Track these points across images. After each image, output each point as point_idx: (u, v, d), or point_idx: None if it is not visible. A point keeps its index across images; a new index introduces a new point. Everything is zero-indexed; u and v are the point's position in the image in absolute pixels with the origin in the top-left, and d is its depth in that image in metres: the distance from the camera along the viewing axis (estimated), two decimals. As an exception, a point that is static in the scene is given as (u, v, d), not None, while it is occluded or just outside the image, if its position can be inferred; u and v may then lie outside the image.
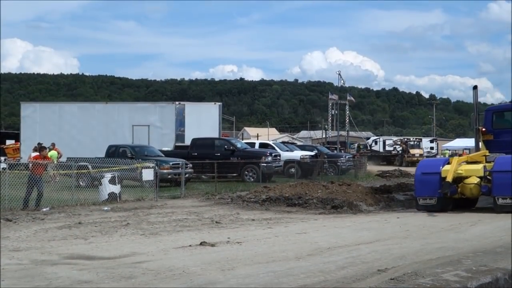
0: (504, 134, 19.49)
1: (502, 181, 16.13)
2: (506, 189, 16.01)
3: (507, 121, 20.38)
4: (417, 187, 17.46)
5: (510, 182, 15.85)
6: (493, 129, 19.76)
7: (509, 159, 16.74)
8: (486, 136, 19.54)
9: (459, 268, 8.51)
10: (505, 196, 16.02)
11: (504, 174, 16.18)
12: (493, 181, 16.32)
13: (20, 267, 8.84)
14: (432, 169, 17.27)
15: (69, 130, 38.73)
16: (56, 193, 19.96)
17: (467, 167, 17.11)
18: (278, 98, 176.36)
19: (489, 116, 20.09)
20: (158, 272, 8.37)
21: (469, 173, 16.77)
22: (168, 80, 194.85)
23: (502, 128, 19.83)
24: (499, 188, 16.16)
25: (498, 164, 16.69)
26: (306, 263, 9.05)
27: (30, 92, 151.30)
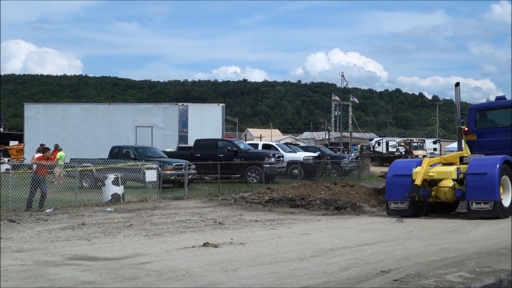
0: (488, 134, 18.50)
1: (476, 184, 15.09)
2: (480, 193, 14.96)
3: (491, 120, 19.40)
4: (388, 190, 16.43)
5: (484, 186, 14.92)
6: (476, 128, 18.53)
7: (484, 160, 15.96)
8: (469, 136, 18.42)
9: (462, 269, 8.49)
10: (479, 201, 14.96)
11: (478, 176, 15.17)
12: (467, 184, 15.26)
13: (23, 267, 8.85)
14: (403, 171, 16.19)
15: (72, 131, 38.78)
16: (59, 194, 20.01)
17: (439, 169, 16.16)
18: (281, 99, 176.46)
19: (473, 115, 18.80)
20: (161, 273, 8.37)
21: (441, 176, 15.85)
22: (171, 81, 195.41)
23: (486, 127, 18.79)
24: (473, 191, 15.08)
25: (472, 166, 15.59)
26: (309, 264, 9.04)
27: (34, 93, 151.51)
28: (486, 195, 14.87)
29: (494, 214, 14.76)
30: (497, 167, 15.09)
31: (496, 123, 19.06)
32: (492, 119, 19.26)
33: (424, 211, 16.08)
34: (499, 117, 19.04)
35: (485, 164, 15.46)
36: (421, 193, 15.44)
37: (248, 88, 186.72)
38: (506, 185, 15.48)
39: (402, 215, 15.70)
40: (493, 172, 15.01)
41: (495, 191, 14.83)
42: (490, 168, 15.14)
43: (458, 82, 18.61)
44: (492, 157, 15.98)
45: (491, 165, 15.24)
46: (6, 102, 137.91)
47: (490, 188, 14.86)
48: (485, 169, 15.17)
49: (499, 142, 17.60)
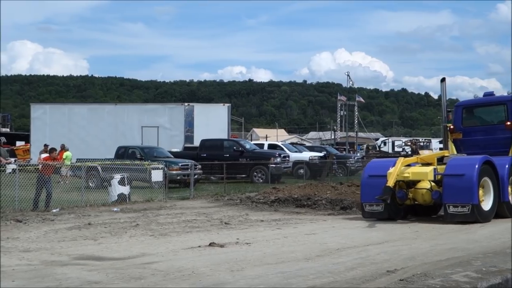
0: (474, 132, 17.66)
1: (453, 186, 14.05)
2: (458, 195, 13.94)
3: (478, 118, 18.43)
4: (363, 192, 15.42)
5: (462, 188, 13.91)
6: (463, 126, 17.72)
7: (462, 160, 15.03)
8: (455, 135, 17.63)
9: (468, 269, 8.47)
10: (456, 204, 13.92)
11: (456, 178, 14.11)
12: (443, 186, 14.24)
13: (30, 267, 8.88)
14: (379, 172, 15.06)
15: (78, 132, 38.91)
16: (65, 194, 20.07)
17: (415, 169, 15.02)
18: (287, 99, 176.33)
19: (459, 112, 17.94)
20: (167, 272, 8.38)
21: (417, 177, 14.77)
22: (177, 81, 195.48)
23: (473, 125, 17.92)
24: (450, 194, 14.05)
25: (450, 166, 14.53)
26: (315, 264, 9.04)
27: (40, 94, 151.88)
28: (463, 198, 13.88)
29: (472, 218, 13.79)
30: (475, 167, 14.08)
31: (483, 120, 18.28)
32: (479, 116, 18.42)
33: (402, 214, 15.21)
34: (487, 115, 18.33)
35: (463, 165, 14.48)
36: (397, 195, 14.66)
37: (254, 88, 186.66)
38: (487, 187, 14.50)
39: (378, 218, 14.88)
40: (471, 173, 13.96)
41: (473, 193, 13.80)
42: (468, 169, 14.12)
43: (443, 78, 17.90)
44: (471, 157, 15.18)
45: (470, 166, 14.22)
46: (13, 103, 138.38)
47: (467, 190, 13.85)
48: (463, 170, 14.14)
49: (486, 141, 17.08)
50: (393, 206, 14.81)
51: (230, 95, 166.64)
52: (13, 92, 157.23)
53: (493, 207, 14.48)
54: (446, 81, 17.72)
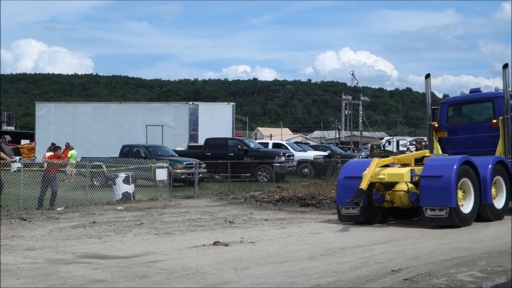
0: (460, 131, 16.97)
1: (430, 188, 13.26)
2: (435, 198, 13.14)
3: (465, 116, 17.69)
4: (339, 194, 14.66)
5: (439, 190, 13.14)
6: (448, 125, 17.07)
7: (441, 161, 14.24)
8: (440, 133, 17.02)
9: (473, 268, 8.46)
10: (433, 207, 13.12)
11: (433, 179, 13.29)
12: (420, 188, 13.43)
13: (35, 266, 8.89)
14: (355, 173, 14.19)
15: (83, 130, 39.01)
16: (70, 192, 20.10)
17: (391, 170, 14.18)
18: (291, 98, 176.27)
19: (445, 109, 17.29)
20: (171, 271, 8.39)
21: (393, 178, 13.95)
22: (182, 80, 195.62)
23: (459, 123, 17.25)
24: (427, 196, 13.25)
25: (427, 167, 13.71)
26: (319, 263, 9.04)
27: (45, 92, 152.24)
28: (441, 200, 13.05)
29: (450, 222, 13.01)
30: (453, 168, 13.24)
31: (469, 118, 17.54)
32: (465, 114, 17.73)
33: (380, 217, 14.42)
34: (473, 112, 17.63)
35: (441, 165, 13.64)
36: (374, 197, 13.95)
37: (258, 87, 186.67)
38: (467, 189, 13.67)
39: (354, 221, 14.17)
40: (449, 175, 13.13)
41: (450, 196, 12.98)
42: (446, 170, 13.30)
43: (428, 74, 17.44)
44: (450, 157, 14.59)
45: (447, 167, 13.39)
46: (18, 101, 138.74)
47: (445, 192, 13.04)
48: (441, 171, 13.31)
49: (473, 140, 16.49)
50: (370, 209, 14.13)
51: (234, 94, 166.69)
52: (18, 91, 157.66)
53: (474, 210, 13.69)
54: (430, 78, 17.42)
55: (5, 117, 74.65)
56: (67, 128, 39.16)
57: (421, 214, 13.42)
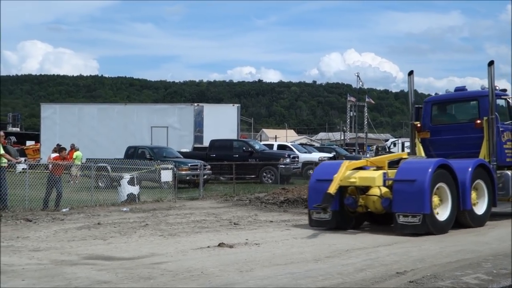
0: (444, 131, 16.12)
1: (403, 193, 12.40)
2: (408, 204, 12.29)
3: (449, 115, 16.89)
4: (310, 198, 13.81)
5: (412, 195, 12.27)
6: (432, 125, 16.24)
7: (416, 164, 13.38)
8: (422, 134, 16.18)
9: (479, 271, 8.44)
10: (406, 213, 12.24)
11: (406, 184, 12.44)
12: (393, 193, 12.60)
13: (40, 267, 8.90)
14: (327, 175, 13.26)
15: (88, 132, 39.06)
16: (75, 193, 20.13)
17: (362, 174, 13.33)
18: (296, 99, 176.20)
19: (428, 108, 16.44)
20: (176, 273, 8.39)
21: (364, 182, 13.14)
22: (187, 81, 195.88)
23: (442, 123, 16.42)
24: (400, 202, 12.38)
25: (401, 170, 12.86)
26: (324, 265, 9.03)
27: (50, 94, 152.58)
28: (414, 206, 12.20)
29: (423, 230, 12.14)
30: (428, 172, 12.40)
31: (454, 118, 16.79)
32: (450, 113, 16.94)
33: (353, 223, 13.69)
34: (458, 112, 16.91)
35: (415, 169, 12.79)
36: (346, 202, 13.23)
37: (263, 89, 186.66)
38: (444, 194, 12.85)
39: (325, 227, 13.39)
40: (423, 179, 12.28)
41: (424, 202, 12.14)
42: (420, 174, 12.45)
43: (411, 71, 16.64)
44: (425, 160, 13.86)
45: (422, 170, 12.56)
46: (23, 102, 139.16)
47: (418, 198, 12.21)
48: (414, 175, 12.47)
49: (457, 141, 15.65)
50: (342, 214, 13.39)
51: (239, 95, 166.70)
52: (23, 92, 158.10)
53: (451, 217, 12.87)
54: (413, 75, 16.71)
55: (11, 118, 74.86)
56: (72, 129, 39.22)
57: (394, 220, 12.52)
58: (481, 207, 13.97)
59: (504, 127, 15.48)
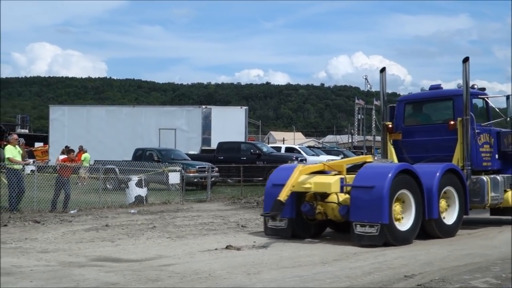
0: (417, 133, 15.04)
1: (360, 200, 11.41)
2: (365, 212, 11.26)
3: (423, 116, 15.76)
4: (265, 204, 12.82)
5: (370, 203, 11.24)
6: (404, 126, 15.18)
7: (376, 168, 12.30)
8: (394, 135, 15.09)
9: (487, 275, 8.41)
10: (363, 223, 11.22)
11: (364, 191, 11.41)
12: (351, 201, 11.63)
13: (48, 268, 8.93)
14: (283, 180, 12.14)
15: (96, 133, 39.10)
16: (83, 195, 20.18)
17: (318, 179, 12.22)
18: (304, 102, 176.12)
19: (401, 108, 15.38)
20: (184, 275, 8.40)
21: (320, 188, 12.10)
22: (195, 84, 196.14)
23: (416, 124, 15.36)
24: (357, 210, 11.38)
25: (360, 176, 11.77)
26: (332, 268, 9.01)
27: (59, 95, 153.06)
28: (371, 215, 11.17)
29: (381, 241, 11.09)
30: (388, 177, 11.36)
31: (427, 118, 15.66)
32: (423, 113, 15.82)
33: (312, 231, 12.70)
34: (432, 112, 15.79)
35: (374, 174, 11.71)
36: (302, 209, 12.25)
37: (271, 91, 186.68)
38: (407, 202, 11.83)
39: (281, 236, 12.40)
40: (382, 185, 11.25)
41: (382, 210, 11.10)
42: (379, 180, 11.39)
43: (383, 68, 15.67)
44: (387, 165, 12.74)
45: (381, 176, 11.48)
46: (32, 104, 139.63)
47: (376, 206, 11.16)
48: (373, 181, 11.40)
49: (431, 143, 14.60)
50: (300, 222, 12.45)
51: (247, 98, 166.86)
52: (32, 94, 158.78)
53: (414, 227, 11.80)
54: (385, 72, 15.65)
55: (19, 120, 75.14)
56: (81, 131, 39.30)
57: (351, 230, 11.47)
58: (451, 216, 12.90)
59: (481, 128, 14.35)
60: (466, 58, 14.02)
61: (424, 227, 12.21)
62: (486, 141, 14.49)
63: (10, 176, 17.26)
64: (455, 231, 12.88)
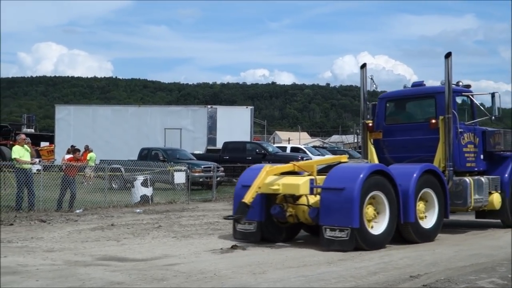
0: (399, 131, 14.46)
1: (330, 203, 10.77)
2: (335, 216, 10.64)
3: (405, 114, 15.21)
4: (235, 205, 12.10)
5: (340, 205, 10.64)
6: (385, 124, 14.60)
7: (347, 169, 11.54)
8: (374, 134, 14.52)
9: (493, 275, 8.39)
10: (333, 227, 10.61)
11: (334, 193, 10.78)
12: (320, 203, 10.99)
13: (53, 267, 8.95)
14: (252, 181, 11.53)
15: (102, 133, 39.16)
16: (89, 195, 20.22)
17: (286, 180, 11.53)
18: (309, 102, 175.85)
19: (382, 106, 14.80)
20: (189, 274, 8.40)
21: (289, 190, 11.45)
22: (200, 84, 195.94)
23: (397, 123, 14.81)
24: (326, 213, 10.75)
25: (330, 177, 11.16)
26: (337, 268, 9.01)
27: (65, 95, 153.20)
28: (341, 219, 10.58)
29: (351, 246, 10.47)
30: (359, 179, 10.76)
31: (409, 117, 15.09)
32: (405, 112, 15.26)
33: (284, 235, 12.07)
34: (414, 110, 15.25)
35: (345, 175, 11.07)
36: (272, 212, 11.65)
37: (277, 91, 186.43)
38: (381, 204, 11.22)
39: (250, 240, 11.76)
40: (352, 187, 10.65)
41: (352, 214, 10.51)
42: (349, 181, 10.78)
43: (364, 64, 15.09)
44: (359, 166, 12.03)
45: (352, 177, 10.88)
46: (38, 104, 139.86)
47: (346, 209, 10.57)
48: (344, 183, 10.80)
49: (413, 143, 14.01)
50: (270, 225, 11.85)
51: (253, 97, 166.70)
52: (38, 93, 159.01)
53: (389, 231, 11.20)
54: (366, 68, 15.04)
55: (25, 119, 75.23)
56: (86, 130, 39.38)
57: (320, 234, 10.87)
58: (430, 219, 12.25)
59: (465, 127, 13.76)
60: (448, 54, 13.38)
61: (400, 231, 11.65)
62: (470, 141, 13.89)
63: (19, 176, 17.32)
64: (434, 235, 12.23)
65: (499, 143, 14.17)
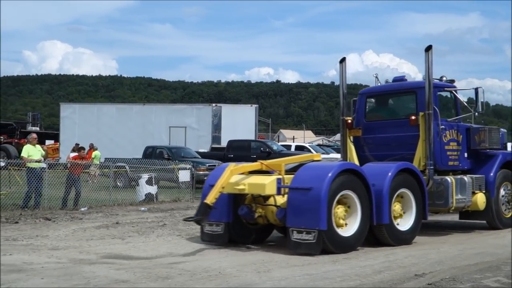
0: (379, 128, 13.92)
1: (297, 204, 10.24)
2: (302, 217, 10.09)
3: (385, 110, 14.68)
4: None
5: (307, 206, 10.08)
6: (365, 121, 14.09)
7: (316, 168, 10.90)
8: (353, 131, 14.01)
9: (498, 274, 8.37)
10: (300, 229, 10.05)
11: (301, 193, 10.23)
12: (287, 204, 10.47)
13: (58, 265, 8.97)
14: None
15: (107, 131, 39.19)
16: (94, 193, 20.24)
17: (252, 179, 10.93)
18: (314, 100, 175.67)
19: (362, 102, 14.30)
20: (194, 273, 8.41)
21: (255, 190, 10.84)
22: (205, 82, 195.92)
23: (377, 119, 14.26)
24: (293, 215, 10.21)
25: (298, 177, 10.61)
26: (342, 267, 9.00)
27: (69, 93, 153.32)
28: (308, 221, 10.02)
29: (318, 249, 9.95)
30: (327, 178, 10.16)
31: (390, 113, 14.58)
32: (385, 108, 14.75)
33: (254, 237, 11.54)
34: (394, 106, 14.74)
35: (314, 175, 10.47)
36: (240, 212, 11.10)
37: (281, 89, 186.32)
38: (352, 204, 10.66)
39: (218, 242, 11.23)
40: (320, 187, 10.07)
41: (320, 215, 9.92)
42: (317, 181, 10.20)
43: (343, 58, 14.36)
44: (328, 164, 11.64)
45: (320, 176, 10.28)
46: (43, 102, 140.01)
47: (314, 210, 10.00)
48: (312, 182, 10.21)
49: (394, 140, 13.49)
50: (239, 226, 11.32)
51: (257, 96, 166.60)
52: (43, 92, 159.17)
53: (360, 232, 10.61)
54: (345, 63, 14.37)
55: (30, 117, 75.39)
56: (91, 129, 39.43)
57: (287, 236, 10.36)
58: (407, 221, 11.64)
59: (447, 124, 13.24)
60: (428, 47, 12.72)
61: (375, 234, 11.10)
62: (453, 138, 13.32)
63: (29, 174, 17.37)
64: (411, 238, 11.62)
65: (484, 140, 13.52)
